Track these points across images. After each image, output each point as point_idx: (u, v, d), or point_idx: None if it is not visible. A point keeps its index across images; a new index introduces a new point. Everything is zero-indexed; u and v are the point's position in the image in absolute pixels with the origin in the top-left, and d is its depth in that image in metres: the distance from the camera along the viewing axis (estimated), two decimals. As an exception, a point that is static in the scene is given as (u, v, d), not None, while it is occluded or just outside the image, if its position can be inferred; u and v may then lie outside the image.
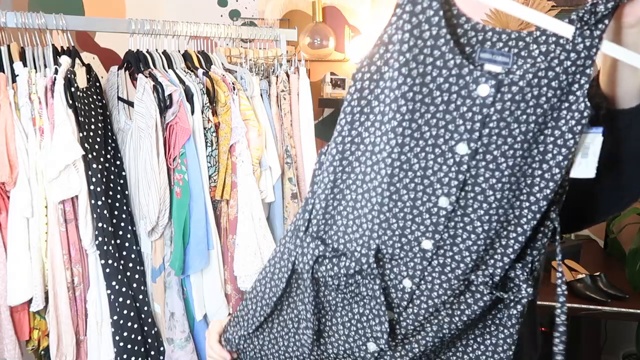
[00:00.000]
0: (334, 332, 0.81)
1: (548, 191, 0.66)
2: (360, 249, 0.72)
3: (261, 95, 1.63)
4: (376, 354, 0.77)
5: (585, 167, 0.66)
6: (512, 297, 0.72)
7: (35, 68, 1.27)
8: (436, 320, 0.74)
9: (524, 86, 0.62)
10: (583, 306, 1.82)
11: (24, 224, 1.24)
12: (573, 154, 0.64)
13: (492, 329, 0.76)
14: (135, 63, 1.39)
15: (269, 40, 1.82)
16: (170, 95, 1.33)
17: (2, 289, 1.25)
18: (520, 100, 0.62)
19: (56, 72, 1.25)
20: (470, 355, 0.79)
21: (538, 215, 0.67)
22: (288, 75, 1.71)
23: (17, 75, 1.23)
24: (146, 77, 1.34)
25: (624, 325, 2.37)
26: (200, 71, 1.47)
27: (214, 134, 1.42)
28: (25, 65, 1.26)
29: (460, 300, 0.72)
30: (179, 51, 1.51)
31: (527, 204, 0.67)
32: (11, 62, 1.25)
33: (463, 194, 0.67)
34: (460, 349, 0.80)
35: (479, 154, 0.65)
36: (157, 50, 1.45)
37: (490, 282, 0.70)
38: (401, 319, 0.75)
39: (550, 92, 0.62)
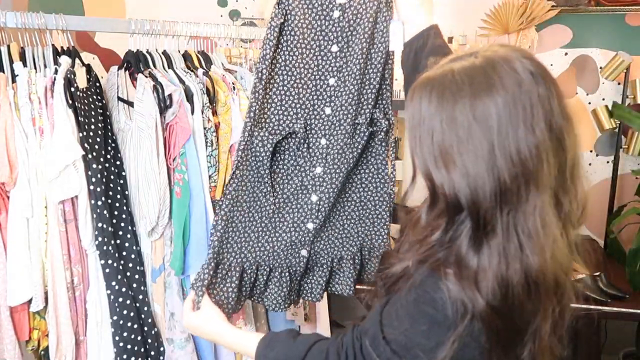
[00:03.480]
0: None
1: (381, 59, 1.22)
2: (293, 124, 1.24)
3: (261, 95, 1.62)
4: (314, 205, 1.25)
5: (396, 42, 1.21)
6: (377, 129, 1.26)
7: (35, 68, 1.27)
8: (341, 160, 1.24)
9: (358, 4, 1.20)
10: (583, 306, 1.82)
11: (23, 224, 1.24)
12: (388, 38, 1.21)
13: (369, 158, 1.30)
14: (135, 63, 1.39)
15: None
16: (170, 95, 1.33)
17: (2, 289, 1.25)
18: (357, 12, 1.20)
19: (56, 72, 1.25)
20: (358, 183, 1.32)
21: (379, 76, 1.23)
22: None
23: (17, 75, 1.23)
24: (146, 77, 1.34)
25: (624, 325, 2.37)
26: (200, 71, 1.47)
27: (214, 134, 1.42)
28: (25, 65, 1.26)
29: (353, 141, 1.24)
30: (179, 51, 1.51)
31: (374, 70, 1.23)
32: (11, 62, 1.25)
33: (340, 75, 1.23)
34: (351, 184, 1.31)
35: (343, 50, 1.22)
36: (157, 50, 1.44)
37: (366, 122, 1.24)
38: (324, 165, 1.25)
39: (372, 2, 1.19)
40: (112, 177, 1.34)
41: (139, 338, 1.35)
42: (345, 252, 1.33)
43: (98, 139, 1.29)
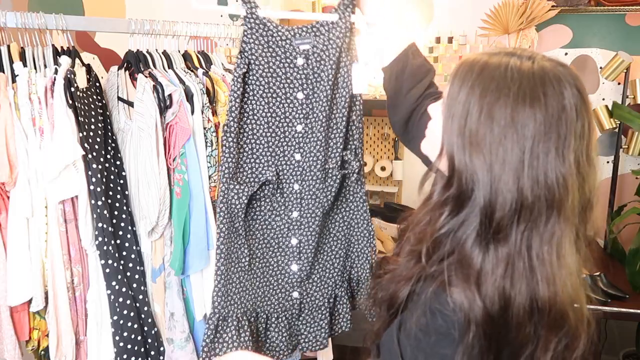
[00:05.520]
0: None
1: (345, 103, 1.22)
2: (265, 172, 1.25)
3: (261, 95, 1.62)
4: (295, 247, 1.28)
5: (359, 85, 1.22)
6: (349, 171, 1.28)
7: (35, 68, 1.27)
8: (315, 204, 1.25)
9: (321, 51, 1.20)
10: (583, 306, 1.82)
11: (24, 224, 1.24)
12: (351, 82, 1.23)
13: (348, 196, 1.32)
14: (135, 63, 1.39)
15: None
16: (170, 95, 1.33)
17: (2, 289, 1.25)
18: (320, 59, 1.21)
19: (56, 72, 1.25)
20: (341, 222, 1.34)
21: (345, 119, 1.23)
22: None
23: (17, 75, 1.23)
24: (146, 77, 1.34)
25: (624, 325, 2.37)
26: (200, 71, 1.47)
27: (214, 134, 1.42)
28: (25, 65, 1.26)
29: (326, 185, 1.24)
30: (179, 51, 1.51)
31: (339, 115, 1.23)
32: (11, 62, 1.25)
33: (307, 121, 1.23)
34: (334, 223, 1.33)
35: (309, 97, 1.23)
36: (157, 50, 1.44)
37: (337, 165, 1.24)
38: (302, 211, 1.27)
39: (334, 48, 1.20)
40: (112, 177, 1.33)
41: (139, 338, 1.35)
42: (339, 290, 1.36)
43: (98, 139, 1.29)
